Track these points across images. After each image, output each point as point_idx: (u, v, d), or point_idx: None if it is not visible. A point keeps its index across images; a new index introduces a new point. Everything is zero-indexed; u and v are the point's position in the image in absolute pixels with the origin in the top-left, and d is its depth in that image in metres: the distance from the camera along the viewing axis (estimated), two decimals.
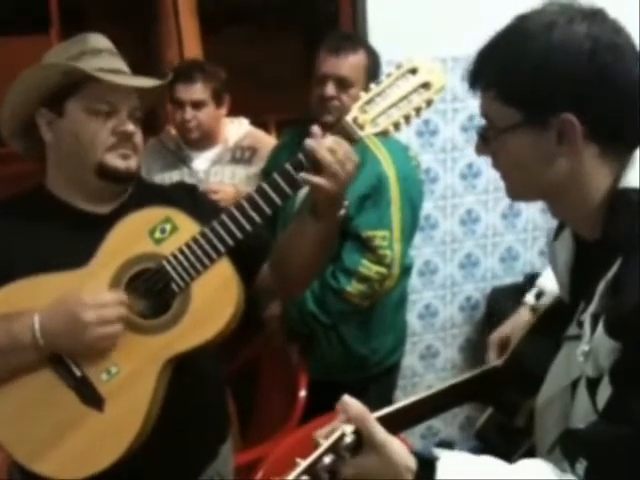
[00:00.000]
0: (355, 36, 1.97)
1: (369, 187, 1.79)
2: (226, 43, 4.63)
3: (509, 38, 0.85)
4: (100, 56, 1.20)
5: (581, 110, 0.80)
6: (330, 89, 1.80)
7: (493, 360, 1.15)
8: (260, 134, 2.36)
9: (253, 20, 5.09)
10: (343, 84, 1.80)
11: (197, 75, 2.13)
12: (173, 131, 2.30)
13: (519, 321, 1.20)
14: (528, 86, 0.82)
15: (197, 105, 2.14)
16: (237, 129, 2.30)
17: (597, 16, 0.83)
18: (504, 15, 0.88)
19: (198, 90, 2.13)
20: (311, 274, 1.31)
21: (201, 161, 2.24)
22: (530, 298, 1.24)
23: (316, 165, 1.07)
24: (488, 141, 0.89)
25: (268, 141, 2.32)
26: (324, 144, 1.07)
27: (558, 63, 0.80)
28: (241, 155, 2.25)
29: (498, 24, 0.88)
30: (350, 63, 1.80)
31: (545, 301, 1.19)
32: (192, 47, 4.22)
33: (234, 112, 2.34)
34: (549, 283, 1.14)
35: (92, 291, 1.13)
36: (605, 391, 0.77)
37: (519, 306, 1.27)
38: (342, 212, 1.15)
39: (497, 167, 0.92)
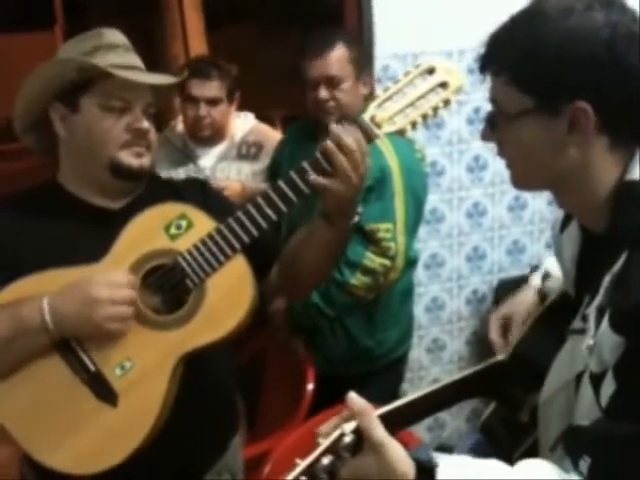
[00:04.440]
0: (329, 32, 1.92)
1: (372, 179, 1.79)
2: (230, 38, 4.62)
3: (524, 22, 0.83)
4: (115, 52, 1.20)
5: (596, 99, 0.79)
6: (323, 92, 1.83)
7: (496, 340, 1.14)
8: (266, 129, 2.36)
9: (257, 15, 5.08)
10: (333, 83, 1.82)
11: (214, 72, 2.13)
12: (178, 127, 2.30)
13: (522, 301, 1.18)
14: (543, 71, 0.80)
15: (212, 102, 2.14)
16: (243, 124, 2.30)
17: (615, 4, 0.81)
18: (510, 7, 0.87)
19: (215, 87, 2.14)
20: (318, 278, 1.30)
21: (207, 158, 2.24)
22: (537, 280, 1.22)
23: (330, 166, 1.07)
24: (496, 127, 0.88)
25: (274, 136, 2.32)
26: (343, 144, 1.06)
27: (576, 50, 0.79)
28: (247, 151, 2.25)
29: (504, 16, 0.86)
30: (333, 60, 1.81)
31: (552, 284, 1.17)
32: (197, 42, 4.23)
33: (239, 107, 2.34)
34: (555, 266, 1.13)
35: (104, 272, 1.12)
36: (609, 387, 0.76)
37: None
38: (355, 219, 1.16)
39: (503, 155, 0.90)
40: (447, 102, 1.09)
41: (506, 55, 0.84)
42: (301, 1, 4.83)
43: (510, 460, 0.81)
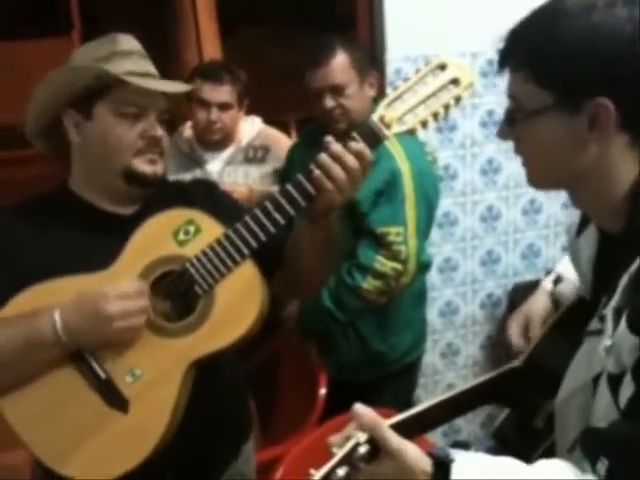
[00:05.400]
0: (329, 40, 1.89)
1: (383, 183, 1.78)
2: (244, 42, 4.63)
3: (545, 17, 0.82)
4: (130, 58, 1.20)
5: (617, 96, 0.78)
6: (328, 102, 1.81)
7: (518, 341, 1.12)
8: (272, 132, 2.35)
9: (271, 19, 5.08)
10: (337, 91, 1.81)
11: (226, 77, 2.14)
12: (186, 132, 2.30)
13: (535, 305, 1.17)
14: (563, 67, 0.79)
15: (223, 107, 2.14)
16: (250, 128, 2.29)
17: (637, 1, 0.80)
18: (523, 10, 0.86)
19: (226, 92, 2.14)
20: (319, 275, 1.30)
21: (214, 162, 2.24)
22: (548, 283, 1.21)
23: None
24: (514, 124, 0.86)
25: (281, 139, 2.32)
26: (332, 155, 1.06)
27: (597, 46, 0.78)
28: (254, 154, 2.25)
29: (517, 18, 0.85)
30: (334, 68, 1.80)
31: (563, 287, 1.16)
32: (211, 48, 4.25)
33: (253, 111, 2.34)
34: (568, 269, 1.11)
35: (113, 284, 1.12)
36: (627, 389, 0.75)
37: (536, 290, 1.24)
38: (333, 215, 1.14)
39: (520, 152, 0.89)
40: (458, 99, 1.06)
41: (524, 50, 0.83)
42: (314, 4, 4.83)
43: None
